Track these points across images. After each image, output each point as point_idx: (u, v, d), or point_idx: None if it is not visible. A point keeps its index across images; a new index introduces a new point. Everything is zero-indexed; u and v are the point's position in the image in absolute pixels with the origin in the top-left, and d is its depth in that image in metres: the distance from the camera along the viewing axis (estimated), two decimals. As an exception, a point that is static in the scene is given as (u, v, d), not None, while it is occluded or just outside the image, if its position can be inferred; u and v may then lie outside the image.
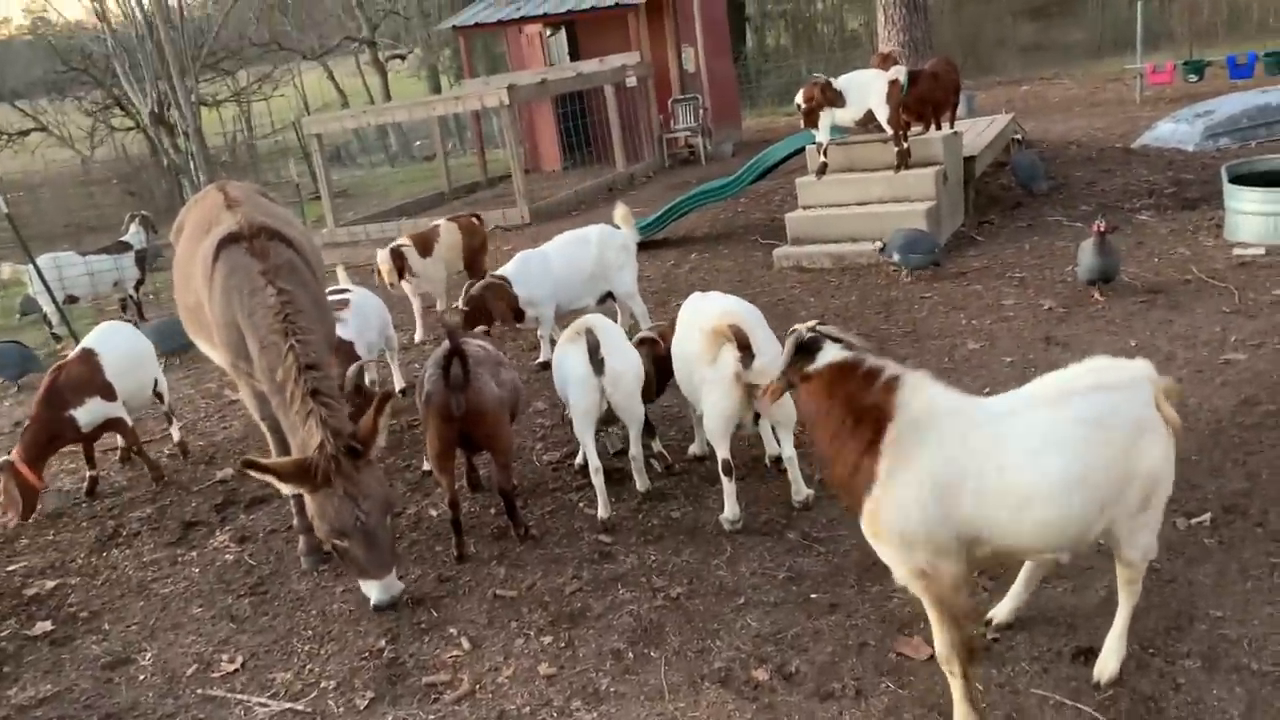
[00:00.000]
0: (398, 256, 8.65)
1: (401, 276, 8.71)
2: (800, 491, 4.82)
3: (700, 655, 3.85)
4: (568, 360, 5.01)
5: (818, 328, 3.27)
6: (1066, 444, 2.98)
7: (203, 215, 4.97)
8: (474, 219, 9.40)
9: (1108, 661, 3.38)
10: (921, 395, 3.08)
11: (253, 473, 4.10)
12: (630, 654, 3.92)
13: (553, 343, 7.56)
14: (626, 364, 5.01)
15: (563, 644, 4.04)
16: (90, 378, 6.10)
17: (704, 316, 4.74)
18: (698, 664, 3.80)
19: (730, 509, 4.71)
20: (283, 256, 4.59)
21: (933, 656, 3.62)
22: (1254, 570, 3.88)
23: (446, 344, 4.63)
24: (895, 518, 3.02)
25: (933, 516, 2.98)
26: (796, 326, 3.30)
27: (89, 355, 6.23)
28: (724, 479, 4.70)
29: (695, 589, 4.30)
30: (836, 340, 3.22)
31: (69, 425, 6.00)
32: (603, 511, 4.98)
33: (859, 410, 3.09)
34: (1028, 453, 2.98)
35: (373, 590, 4.22)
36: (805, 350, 3.24)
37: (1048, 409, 3.06)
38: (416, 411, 5.23)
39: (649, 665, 3.83)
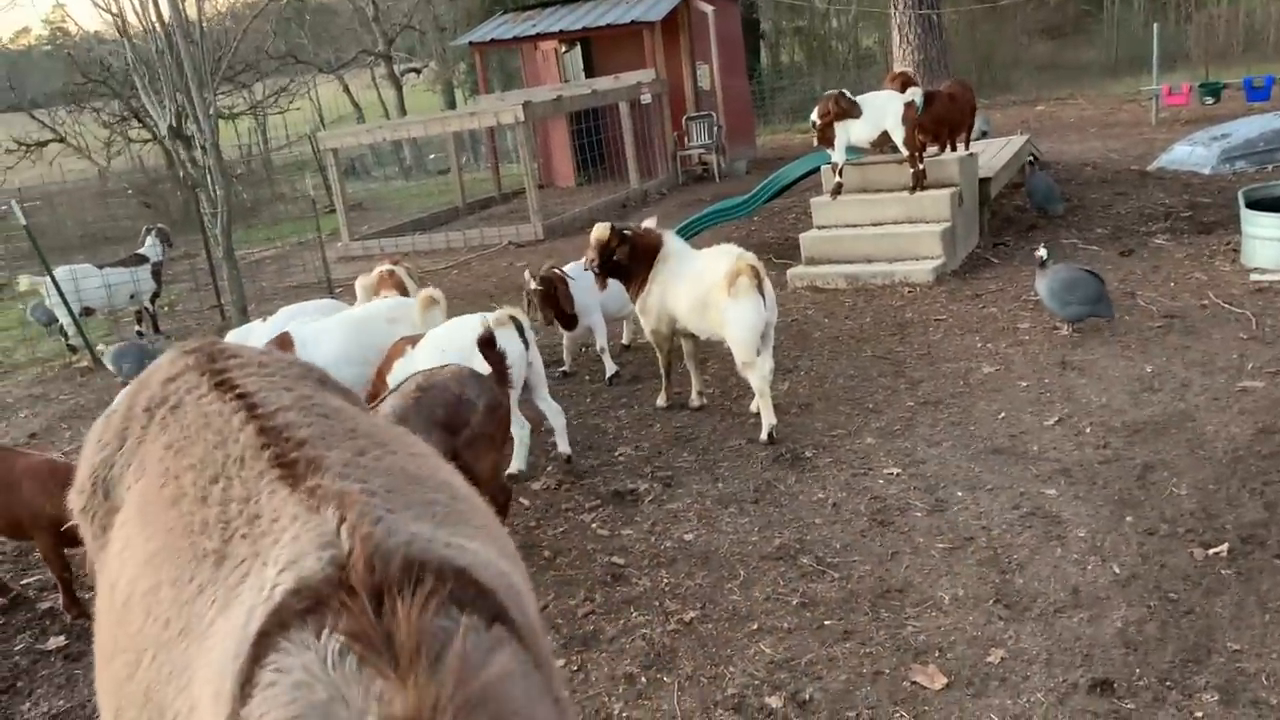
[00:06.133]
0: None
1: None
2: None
3: (713, 681, 3.83)
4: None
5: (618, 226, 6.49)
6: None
7: (193, 475, 1.82)
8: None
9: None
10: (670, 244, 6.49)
11: None
12: (643, 679, 3.90)
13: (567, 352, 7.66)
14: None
15: (575, 667, 4.03)
16: None
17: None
18: (711, 690, 3.78)
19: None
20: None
21: (949, 685, 3.62)
22: (1272, 602, 3.85)
23: (448, 366, 4.83)
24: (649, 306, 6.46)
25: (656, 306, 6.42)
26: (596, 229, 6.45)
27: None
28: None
29: (708, 613, 4.29)
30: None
31: None
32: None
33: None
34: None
35: None
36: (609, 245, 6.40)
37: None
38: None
39: (661, 690, 3.82)
